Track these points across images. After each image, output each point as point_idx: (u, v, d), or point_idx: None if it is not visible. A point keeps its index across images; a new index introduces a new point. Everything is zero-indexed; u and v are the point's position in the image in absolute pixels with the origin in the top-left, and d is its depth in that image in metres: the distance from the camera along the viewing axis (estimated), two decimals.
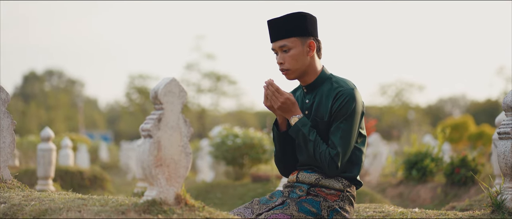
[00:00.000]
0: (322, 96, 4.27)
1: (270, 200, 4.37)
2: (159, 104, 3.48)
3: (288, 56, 4.23)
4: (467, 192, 10.05)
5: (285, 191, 4.39)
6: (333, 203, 4.22)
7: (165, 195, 3.47)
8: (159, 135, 3.45)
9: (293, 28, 4.23)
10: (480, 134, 26.14)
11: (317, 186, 4.28)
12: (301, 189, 4.31)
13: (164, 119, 3.47)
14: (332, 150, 4.14)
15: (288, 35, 4.22)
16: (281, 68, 4.27)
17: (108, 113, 78.44)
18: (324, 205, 4.20)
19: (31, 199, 4.03)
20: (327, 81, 4.31)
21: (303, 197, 4.26)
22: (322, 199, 4.22)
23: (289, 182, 4.42)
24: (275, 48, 4.29)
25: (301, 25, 4.24)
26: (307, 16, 4.27)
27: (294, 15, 4.24)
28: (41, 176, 9.76)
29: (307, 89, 4.35)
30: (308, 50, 4.26)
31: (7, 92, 5.19)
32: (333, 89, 4.24)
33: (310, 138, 4.17)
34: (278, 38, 4.25)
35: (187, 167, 3.55)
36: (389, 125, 50.67)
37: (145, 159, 3.43)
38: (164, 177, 3.47)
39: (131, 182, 18.91)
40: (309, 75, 4.31)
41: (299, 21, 4.24)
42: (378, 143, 15.06)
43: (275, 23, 4.25)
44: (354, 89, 4.24)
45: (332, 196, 4.24)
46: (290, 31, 4.22)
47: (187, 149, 3.56)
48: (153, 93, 3.49)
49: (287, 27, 4.23)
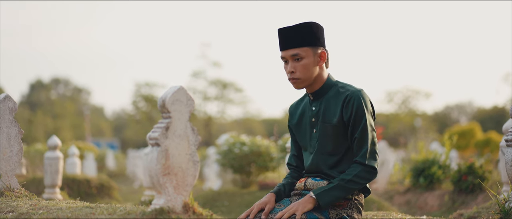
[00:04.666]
0: (329, 101, 4.26)
1: (278, 208, 4.36)
2: (166, 112, 3.48)
3: (299, 65, 4.20)
4: (474, 199, 10.02)
5: (293, 199, 4.38)
6: (341, 211, 4.21)
7: (173, 203, 3.47)
8: (167, 143, 3.45)
9: (306, 38, 4.21)
10: (487, 141, 26.10)
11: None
12: None
13: (171, 127, 3.47)
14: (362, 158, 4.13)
15: (301, 44, 4.19)
16: (292, 77, 4.23)
17: (114, 121, 78.54)
18: (332, 213, 4.19)
19: (38, 207, 4.04)
20: (333, 87, 4.30)
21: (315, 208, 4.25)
22: (330, 207, 4.21)
23: (297, 189, 4.41)
24: (286, 56, 4.24)
25: (313, 34, 4.22)
26: (318, 26, 4.26)
27: (307, 25, 4.22)
28: (48, 184, 9.76)
29: (314, 97, 4.33)
30: (319, 60, 4.24)
31: (14, 101, 5.20)
32: (340, 94, 4.24)
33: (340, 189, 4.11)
34: (290, 47, 4.21)
35: (195, 175, 3.55)
36: (396, 132, 50.55)
37: (153, 167, 3.43)
38: (172, 186, 3.47)
39: (138, 190, 18.91)
40: (316, 83, 4.29)
41: (311, 31, 4.22)
42: (385, 150, 15.04)
43: (287, 31, 4.22)
44: (361, 90, 4.24)
45: (340, 204, 4.23)
46: (303, 40, 4.20)
47: (195, 157, 3.56)
48: (160, 102, 3.48)
49: (300, 36, 4.20)
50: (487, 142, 25.93)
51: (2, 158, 5.09)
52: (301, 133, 4.42)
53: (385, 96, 57.41)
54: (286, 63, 4.26)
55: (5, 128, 5.13)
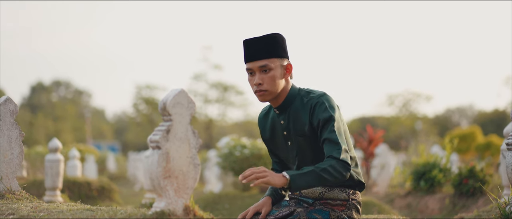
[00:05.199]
0: (297, 112, 4.17)
1: (275, 210, 4.36)
2: (167, 115, 3.48)
3: (267, 77, 4.09)
4: (475, 202, 10.01)
5: (291, 202, 4.38)
6: (341, 212, 4.21)
7: (173, 206, 3.47)
8: (168, 146, 3.45)
9: (274, 49, 4.10)
10: (488, 144, 26.10)
11: (322, 199, 4.27)
12: (307, 203, 4.31)
13: (172, 130, 3.47)
14: (336, 153, 3.98)
15: (270, 55, 4.09)
16: (259, 89, 4.11)
17: (115, 123, 78.57)
18: (333, 215, 4.19)
19: (39, 210, 4.04)
20: (297, 97, 4.20)
21: (311, 208, 4.25)
22: (330, 210, 4.21)
23: (294, 194, 4.41)
24: (253, 68, 4.11)
25: (280, 46, 4.13)
26: (283, 38, 4.18)
27: (274, 36, 4.12)
28: (49, 187, 9.76)
29: (279, 111, 4.24)
30: (285, 72, 4.16)
31: (15, 104, 5.20)
32: (305, 103, 4.14)
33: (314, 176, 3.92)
34: (259, 58, 4.09)
35: (196, 178, 3.55)
36: (397, 135, 50.58)
37: (153, 170, 3.43)
38: (173, 189, 3.47)
39: (138, 192, 18.92)
40: (281, 96, 4.19)
41: (278, 42, 4.13)
42: (385, 153, 15.03)
43: (255, 42, 4.11)
44: (324, 94, 4.14)
45: (339, 206, 4.23)
46: (271, 51, 4.09)
47: (196, 160, 3.56)
48: (161, 105, 3.48)
49: (268, 47, 4.10)
50: (488, 145, 25.93)
51: (3, 161, 5.09)
52: (277, 147, 4.36)
53: (386, 100, 57.49)
54: (251, 75, 4.16)
55: (6, 130, 5.13)
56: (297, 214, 4.20)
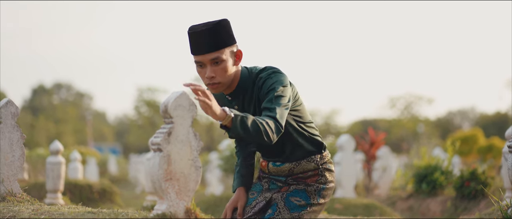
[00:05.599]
0: (248, 95, 4.07)
1: (251, 197, 4.34)
2: (169, 118, 3.47)
3: (219, 69, 3.93)
4: (477, 205, 10.00)
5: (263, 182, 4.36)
6: (316, 183, 4.21)
7: (175, 208, 3.46)
8: (169, 148, 3.44)
9: (223, 39, 3.90)
10: (490, 147, 26.08)
11: (293, 175, 4.25)
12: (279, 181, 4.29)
13: (174, 133, 3.46)
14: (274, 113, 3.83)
15: (220, 46, 3.89)
16: (212, 82, 3.96)
17: (116, 126, 78.56)
18: (310, 190, 4.18)
19: (40, 212, 4.03)
20: (248, 80, 4.07)
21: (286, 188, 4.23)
22: (305, 185, 4.19)
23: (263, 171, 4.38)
24: (203, 61, 3.92)
25: (229, 33, 3.94)
26: (229, 23, 3.98)
27: (221, 24, 3.91)
28: (50, 189, 9.76)
29: (232, 96, 4.12)
30: (236, 59, 4.01)
31: (16, 106, 5.19)
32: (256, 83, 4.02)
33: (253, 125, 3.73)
34: (209, 50, 3.88)
35: (197, 180, 3.54)
36: (399, 138, 50.57)
37: (155, 172, 3.42)
38: (174, 191, 3.46)
39: (140, 195, 18.91)
40: (233, 83, 4.06)
41: (226, 30, 3.93)
42: (387, 156, 15.01)
43: (203, 34, 3.88)
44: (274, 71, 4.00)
45: (311, 177, 4.21)
46: (221, 42, 3.90)
47: (197, 163, 3.55)
48: (163, 107, 3.48)
49: (218, 38, 3.89)
50: (490, 148, 25.91)
51: (4, 163, 5.09)
52: None
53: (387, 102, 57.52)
54: (201, 67, 3.97)
55: (7, 133, 5.12)
56: (275, 204, 4.18)
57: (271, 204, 4.22)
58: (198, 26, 3.90)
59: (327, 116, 58.65)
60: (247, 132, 3.69)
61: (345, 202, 10.39)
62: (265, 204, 4.23)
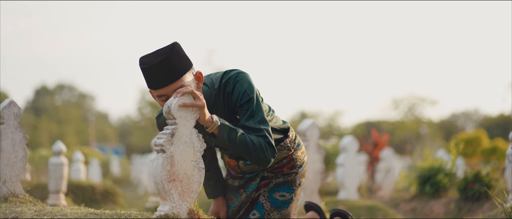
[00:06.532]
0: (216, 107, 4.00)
1: (231, 203, 4.33)
2: (172, 119, 3.46)
3: None
4: (480, 207, 9.98)
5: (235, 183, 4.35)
6: (293, 169, 4.22)
7: (178, 210, 3.45)
8: (172, 150, 3.43)
9: (180, 66, 3.70)
10: (494, 149, 26.04)
11: (269, 167, 4.24)
12: (255, 178, 4.27)
13: (177, 134, 3.45)
14: (267, 135, 3.82)
15: (180, 74, 3.69)
16: None
17: (119, 126, 78.62)
18: (291, 180, 4.18)
19: (43, 213, 4.02)
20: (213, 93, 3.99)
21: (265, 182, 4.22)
22: (283, 176, 4.19)
23: (235, 170, 4.35)
24: (166, 93, 3.70)
25: (184, 59, 3.75)
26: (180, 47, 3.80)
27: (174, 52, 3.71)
28: (53, 190, 9.75)
29: None
30: (197, 82, 3.81)
31: (19, 107, 5.19)
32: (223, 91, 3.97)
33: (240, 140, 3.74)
34: (169, 83, 3.66)
35: (200, 182, 3.53)
36: (402, 140, 50.52)
37: (158, 174, 3.41)
38: (177, 192, 3.45)
39: (142, 196, 18.91)
40: None
41: (181, 56, 3.73)
42: (391, 157, 15.01)
43: (158, 66, 3.66)
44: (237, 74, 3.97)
45: (287, 164, 4.24)
46: (180, 69, 3.69)
47: (200, 164, 3.54)
48: (166, 108, 3.47)
49: (175, 66, 3.68)
50: (494, 150, 25.87)
51: (7, 164, 5.08)
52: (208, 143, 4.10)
53: (391, 104, 57.43)
54: (163, 99, 3.74)
55: (10, 134, 5.12)
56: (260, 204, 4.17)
57: (255, 204, 4.21)
58: (149, 59, 3.70)
59: (330, 117, 58.69)
60: (233, 143, 3.68)
61: (348, 203, 10.37)
62: (251, 203, 4.23)
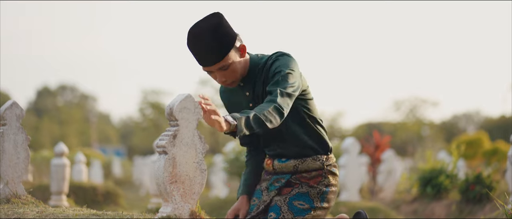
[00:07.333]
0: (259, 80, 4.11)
1: (253, 204, 4.33)
2: (174, 120, 3.47)
3: (229, 72, 4.00)
4: (482, 209, 9.98)
5: (262, 185, 4.35)
6: (319, 185, 4.19)
7: (179, 211, 3.45)
8: (174, 151, 3.44)
9: (224, 46, 3.92)
10: (495, 151, 26.01)
11: (297, 173, 4.24)
12: (280, 180, 4.27)
13: (179, 135, 3.45)
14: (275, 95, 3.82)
15: (223, 55, 3.92)
16: (226, 84, 4.07)
17: (121, 128, 78.61)
18: (313, 193, 4.16)
19: (45, 215, 4.03)
20: (258, 65, 4.13)
21: (288, 191, 4.21)
22: (308, 188, 4.18)
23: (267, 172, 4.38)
24: (211, 70, 3.99)
25: (228, 36, 3.95)
26: (225, 21, 4.00)
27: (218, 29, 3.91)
28: (55, 191, 9.76)
29: (244, 82, 4.17)
30: (241, 53, 4.04)
31: (21, 108, 5.20)
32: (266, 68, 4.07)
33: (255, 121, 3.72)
34: (213, 63, 3.93)
35: (202, 183, 3.54)
36: (403, 141, 50.51)
37: (160, 175, 3.41)
38: (179, 194, 3.45)
39: (144, 197, 18.93)
40: (244, 71, 4.11)
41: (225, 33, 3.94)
42: (392, 159, 15.00)
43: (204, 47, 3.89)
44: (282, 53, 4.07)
45: (315, 178, 4.20)
46: (224, 49, 3.92)
47: (202, 166, 3.54)
48: (168, 110, 3.47)
49: (218, 47, 3.90)
50: (495, 152, 25.83)
51: (9, 165, 5.08)
52: None
53: (392, 105, 57.44)
54: (211, 73, 4.03)
55: (12, 135, 5.12)
56: (277, 206, 4.16)
57: (271, 206, 4.21)
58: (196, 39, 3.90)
59: (332, 118, 58.59)
60: (252, 129, 3.69)
61: (350, 205, 10.38)
62: (267, 204, 4.23)
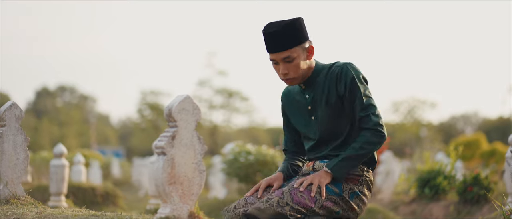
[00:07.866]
0: (322, 85, 4.24)
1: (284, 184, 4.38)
2: (173, 121, 3.48)
3: (292, 65, 4.17)
4: (480, 210, 9.99)
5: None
6: (354, 186, 4.22)
7: (178, 212, 3.47)
8: (173, 152, 3.45)
9: (294, 38, 4.15)
10: (493, 152, 26.01)
11: None
12: None
13: (178, 136, 3.47)
14: (367, 122, 4.14)
15: (291, 45, 4.14)
16: (286, 77, 4.20)
17: (120, 129, 78.53)
18: (346, 187, 4.19)
19: (44, 215, 4.04)
20: (322, 71, 4.28)
21: None
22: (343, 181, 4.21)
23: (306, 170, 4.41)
24: (276, 59, 4.18)
25: (300, 32, 4.18)
26: (301, 21, 4.22)
27: (293, 23, 4.16)
28: (54, 192, 9.76)
29: (306, 85, 4.31)
30: (308, 54, 4.23)
31: (21, 109, 5.21)
32: (330, 73, 4.23)
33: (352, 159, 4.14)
34: (280, 50, 4.14)
35: (201, 184, 3.55)
36: (402, 142, 50.44)
37: (158, 176, 3.43)
38: (178, 195, 3.47)
39: (143, 198, 18.90)
40: (307, 74, 4.27)
41: (298, 29, 4.17)
42: (390, 160, 15.01)
43: (275, 34, 4.14)
44: (349, 63, 4.23)
45: (352, 180, 4.24)
46: (292, 41, 4.14)
47: (201, 167, 3.56)
48: (167, 111, 3.49)
49: (288, 37, 4.14)
50: (493, 153, 25.83)
51: (8, 166, 5.10)
52: (299, 122, 4.40)
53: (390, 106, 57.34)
54: (276, 64, 4.22)
55: (11, 136, 5.14)
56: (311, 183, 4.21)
57: None
58: (271, 27, 4.15)
59: None
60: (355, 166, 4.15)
61: None
62: None
